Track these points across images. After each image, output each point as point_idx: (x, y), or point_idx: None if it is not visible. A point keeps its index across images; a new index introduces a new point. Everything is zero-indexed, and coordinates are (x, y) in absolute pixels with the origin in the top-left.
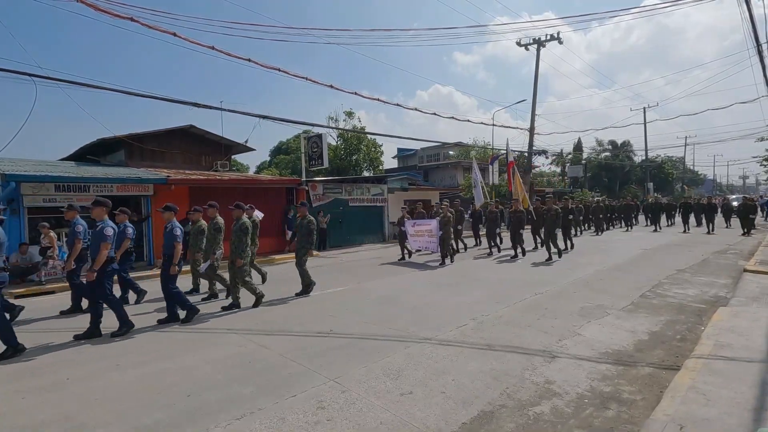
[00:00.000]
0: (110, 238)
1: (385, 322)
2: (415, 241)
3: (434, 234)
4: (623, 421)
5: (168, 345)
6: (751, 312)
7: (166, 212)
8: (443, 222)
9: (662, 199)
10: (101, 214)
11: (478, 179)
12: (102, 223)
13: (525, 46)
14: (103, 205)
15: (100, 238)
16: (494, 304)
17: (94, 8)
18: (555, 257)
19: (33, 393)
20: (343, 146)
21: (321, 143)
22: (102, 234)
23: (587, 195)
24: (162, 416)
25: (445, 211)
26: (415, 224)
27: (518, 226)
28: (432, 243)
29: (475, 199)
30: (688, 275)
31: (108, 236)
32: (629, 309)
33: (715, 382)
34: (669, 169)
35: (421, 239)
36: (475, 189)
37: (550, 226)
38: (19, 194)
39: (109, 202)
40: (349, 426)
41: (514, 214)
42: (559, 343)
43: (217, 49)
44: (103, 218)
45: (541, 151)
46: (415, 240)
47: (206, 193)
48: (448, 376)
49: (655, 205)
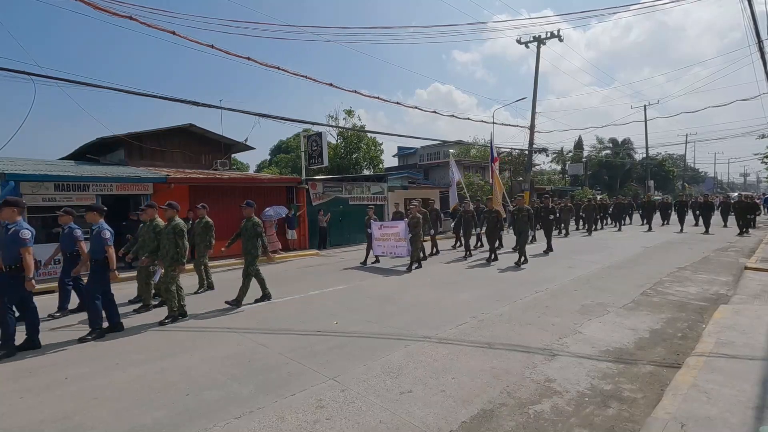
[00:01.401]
0: None
1: (384, 321)
2: (378, 246)
3: (401, 237)
4: (624, 419)
5: (167, 344)
6: (753, 309)
7: (89, 213)
8: (412, 224)
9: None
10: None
11: (455, 178)
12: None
13: (525, 43)
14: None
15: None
16: (494, 302)
17: (94, 7)
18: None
19: (32, 393)
20: (343, 145)
21: (321, 142)
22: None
23: (588, 193)
24: (161, 415)
25: (414, 212)
26: (381, 226)
27: (493, 228)
28: (398, 248)
29: (450, 199)
30: (689, 273)
31: None
32: (630, 307)
33: (716, 380)
34: (670, 166)
35: (385, 244)
36: (451, 188)
37: (522, 227)
38: (19, 194)
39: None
40: (348, 425)
41: (489, 214)
42: (560, 341)
43: (216, 48)
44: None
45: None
46: (379, 244)
47: (206, 192)
48: (448, 374)
49: (649, 204)
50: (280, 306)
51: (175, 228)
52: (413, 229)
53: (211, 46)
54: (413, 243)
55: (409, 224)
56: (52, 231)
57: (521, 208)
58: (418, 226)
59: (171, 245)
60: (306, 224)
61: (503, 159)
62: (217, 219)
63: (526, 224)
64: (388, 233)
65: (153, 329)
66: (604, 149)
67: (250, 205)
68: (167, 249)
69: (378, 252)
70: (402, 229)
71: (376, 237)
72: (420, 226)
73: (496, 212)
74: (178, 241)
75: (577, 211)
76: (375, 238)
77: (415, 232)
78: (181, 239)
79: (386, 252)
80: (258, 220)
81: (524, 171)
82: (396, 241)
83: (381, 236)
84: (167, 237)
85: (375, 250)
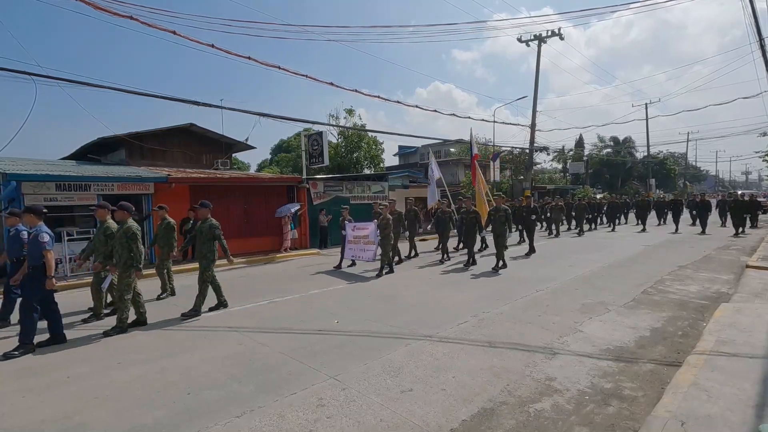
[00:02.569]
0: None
1: (385, 320)
2: (350, 249)
3: (371, 240)
4: (624, 417)
5: (168, 344)
6: (754, 308)
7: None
8: (381, 225)
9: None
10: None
11: (435, 176)
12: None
13: (526, 42)
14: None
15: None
16: (495, 301)
17: (94, 7)
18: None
19: (33, 392)
20: (344, 144)
21: (321, 141)
22: None
23: (589, 192)
24: (162, 415)
25: (384, 212)
26: (354, 228)
27: (470, 229)
28: (365, 251)
29: (428, 198)
30: (690, 271)
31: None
32: (630, 305)
33: (717, 379)
34: (671, 165)
35: (356, 247)
36: (429, 187)
37: (499, 229)
38: (20, 194)
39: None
40: (349, 423)
41: (467, 215)
42: (560, 339)
43: (216, 47)
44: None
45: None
46: (351, 247)
47: (207, 192)
48: (448, 373)
49: (643, 203)
50: (281, 305)
51: (128, 231)
52: (383, 230)
53: (212, 45)
54: (383, 246)
55: (379, 226)
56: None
57: (498, 208)
58: (388, 228)
59: (124, 250)
60: (307, 223)
61: (504, 158)
62: (218, 219)
63: (503, 225)
64: (359, 235)
65: (157, 329)
66: (605, 148)
67: (205, 205)
68: (120, 254)
69: (348, 255)
70: (371, 231)
71: (349, 239)
72: (390, 227)
73: (474, 212)
74: (132, 245)
75: (568, 211)
76: (348, 240)
77: (385, 234)
78: (134, 243)
79: (355, 256)
80: (215, 222)
81: (525, 170)
82: (364, 244)
83: (353, 238)
84: (119, 241)
85: (346, 253)
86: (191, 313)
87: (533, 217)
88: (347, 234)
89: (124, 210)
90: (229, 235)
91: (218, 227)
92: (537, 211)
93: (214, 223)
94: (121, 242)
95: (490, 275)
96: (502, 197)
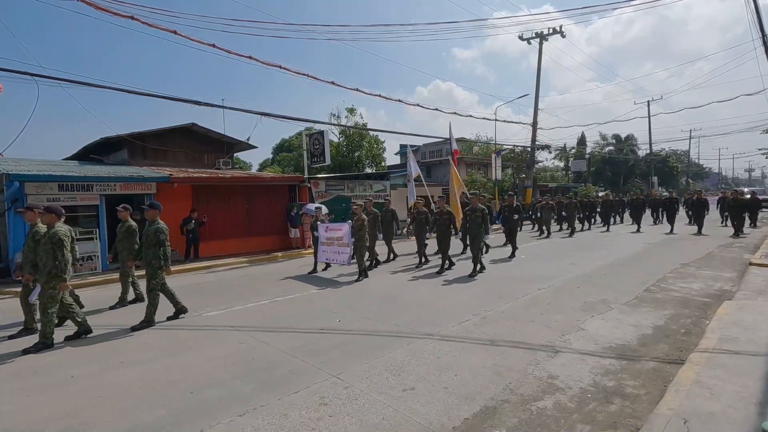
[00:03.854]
0: None
1: (386, 319)
2: (323, 252)
3: (345, 243)
4: (626, 415)
5: (170, 343)
6: (757, 306)
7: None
8: (356, 227)
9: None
10: None
11: (413, 173)
12: None
13: (527, 40)
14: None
15: None
16: (496, 300)
17: (95, 7)
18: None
19: (37, 391)
20: (345, 143)
21: (323, 140)
22: None
23: (591, 190)
24: (164, 413)
25: (358, 212)
26: (327, 229)
27: (444, 231)
28: (340, 254)
29: (408, 197)
30: (692, 269)
31: None
32: (633, 303)
33: (719, 376)
34: (674, 162)
35: (329, 249)
36: (409, 184)
37: (474, 231)
38: (23, 194)
39: None
40: (351, 422)
41: (440, 215)
42: (562, 338)
43: (218, 47)
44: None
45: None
46: (324, 249)
47: (209, 191)
48: (450, 371)
49: (637, 201)
50: (282, 304)
51: (53, 237)
52: (357, 232)
53: (213, 45)
54: (357, 250)
55: (353, 227)
56: None
57: (474, 208)
58: (363, 230)
59: (48, 257)
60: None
61: (506, 156)
62: (220, 218)
63: (480, 227)
64: (333, 237)
65: (160, 328)
66: (608, 145)
67: (154, 207)
68: (44, 262)
69: (322, 258)
70: (345, 233)
71: (322, 241)
72: (364, 229)
73: (448, 213)
74: (57, 253)
75: (560, 210)
76: (321, 242)
77: (359, 236)
78: (60, 250)
79: (329, 259)
80: (162, 225)
81: (527, 168)
82: (339, 246)
83: (326, 240)
84: (44, 247)
85: (320, 256)
86: (142, 326)
87: (516, 216)
88: (320, 235)
89: (53, 212)
90: (231, 234)
91: (164, 231)
92: (520, 210)
93: (161, 226)
94: (45, 249)
95: (486, 276)
96: (484, 196)
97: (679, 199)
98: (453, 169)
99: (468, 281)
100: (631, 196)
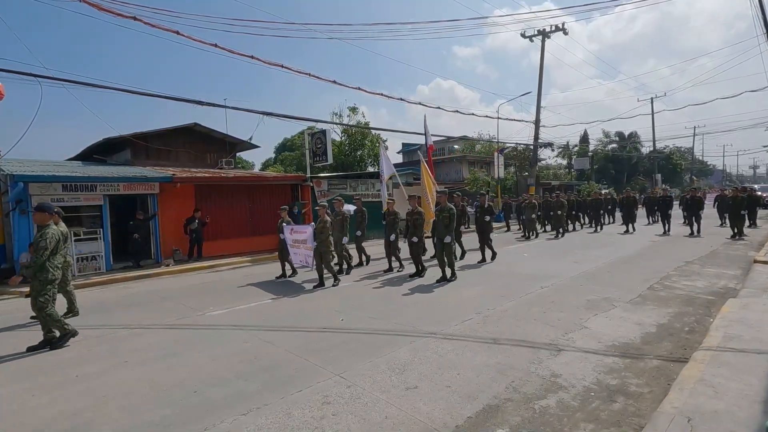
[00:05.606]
0: None
1: (389, 318)
2: (295, 254)
3: (309, 246)
4: (630, 414)
5: (174, 342)
6: (761, 303)
7: None
8: (318, 230)
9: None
10: None
11: (384, 174)
12: None
13: (530, 37)
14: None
15: None
16: (499, 298)
17: (98, 8)
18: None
19: (43, 390)
20: (348, 142)
21: (325, 139)
22: None
23: (594, 187)
24: (169, 412)
25: (321, 214)
26: (292, 231)
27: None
28: (308, 258)
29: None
30: (696, 267)
31: None
32: (636, 301)
33: (723, 375)
34: (677, 159)
35: (299, 251)
36: (381, 184)
37: (441, 234)
38: (27, 194)
39: None
40: (354, 420)
41: (410, 216)
42: (566, 336)
43: (220, 47)
44: None
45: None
46: (295, 252)
47: (212, 191)
48: (453, 370)
49: (628, 200)
50: (285, 304)
51: (37, 243)
52: (319, 235)
53: (215, 45)
54: (322, 254)
55: (315, 230)
56: None
57: (443, 207)
58: (325, 232)
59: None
60: (311, 222)
61: (509, 154)
62: (223, 217)
63: (448, 228)
64: (299, 239)
65: (164, 328)
66: (611, 143)
67: (42, 209)
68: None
69: (296, 261)
70: (309, 236)
71: (290, 243)
72: (327, 232)
73: (418, 213)
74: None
75: (546, 209)
76: (289, 244)
77: (321, 239)
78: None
79: (302, 261)
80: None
81: (529, 166)
82: (306, 250)
83: (293, 242)
84: None
85: (293, 258)
86: (41, 346)
87: (487, 218)
88: (286, 238)
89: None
90: (234, 233)
91: (45, 239)
92: (492, 211)
93: (46, 232)
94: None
95: (488, 274)
96: (458, 195)
97: (673, 197)
98: (424, 166)
99: (471, 279)
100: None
